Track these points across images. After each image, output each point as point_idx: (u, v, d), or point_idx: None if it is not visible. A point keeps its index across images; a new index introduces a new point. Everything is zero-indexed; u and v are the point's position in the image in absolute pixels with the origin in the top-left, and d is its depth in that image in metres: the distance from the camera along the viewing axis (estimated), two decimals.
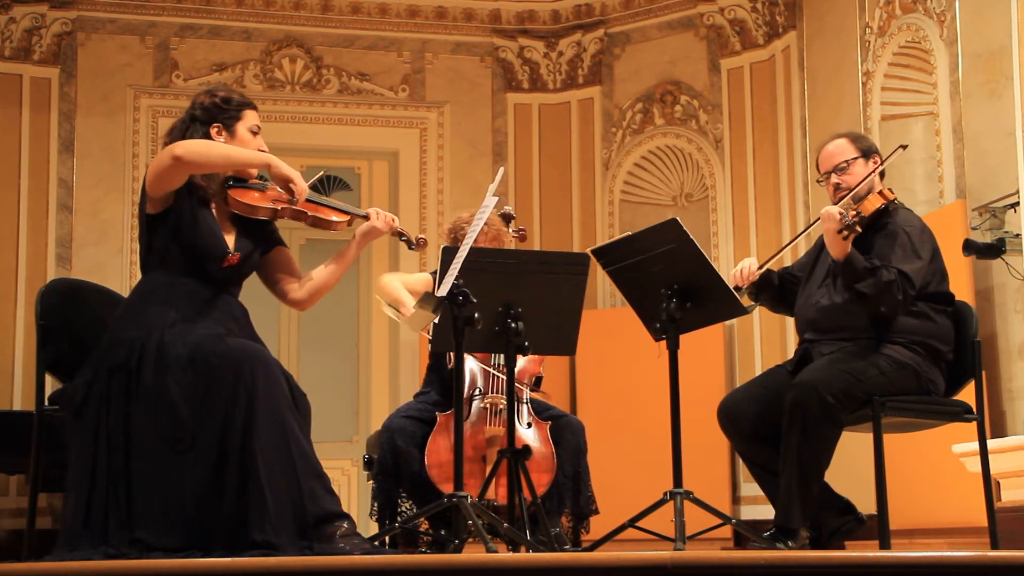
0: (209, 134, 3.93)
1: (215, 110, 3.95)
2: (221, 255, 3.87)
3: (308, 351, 8.40)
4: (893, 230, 4.35)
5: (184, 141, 3.81)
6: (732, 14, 8.26)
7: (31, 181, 7.98)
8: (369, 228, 4.05)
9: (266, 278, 4.12)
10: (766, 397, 4.39)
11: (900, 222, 4.37)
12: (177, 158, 3.72)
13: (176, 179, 3.79)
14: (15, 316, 7.81)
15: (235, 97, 4.00)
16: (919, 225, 4.38)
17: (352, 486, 8.25)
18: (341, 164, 8.70)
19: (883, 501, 4.15)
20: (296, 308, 4.20)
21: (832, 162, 4.50)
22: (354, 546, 3.62)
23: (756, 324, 7.95)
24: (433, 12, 8.73)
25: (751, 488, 7.20)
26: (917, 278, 4.24)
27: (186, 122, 3.97)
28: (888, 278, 4.17)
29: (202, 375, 3.69)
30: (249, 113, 4.00)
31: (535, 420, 5.00)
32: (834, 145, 4.53)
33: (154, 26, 8.36)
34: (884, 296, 4.18)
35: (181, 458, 3.66)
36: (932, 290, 4.32)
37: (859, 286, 4.20)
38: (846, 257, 4.20)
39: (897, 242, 4.30)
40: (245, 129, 3.97)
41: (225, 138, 3.94)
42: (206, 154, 3.79)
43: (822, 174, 4.54)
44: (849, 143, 4.52)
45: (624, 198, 8.66)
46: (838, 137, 4.58)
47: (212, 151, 3.82)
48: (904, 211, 4.47)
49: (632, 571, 2.86)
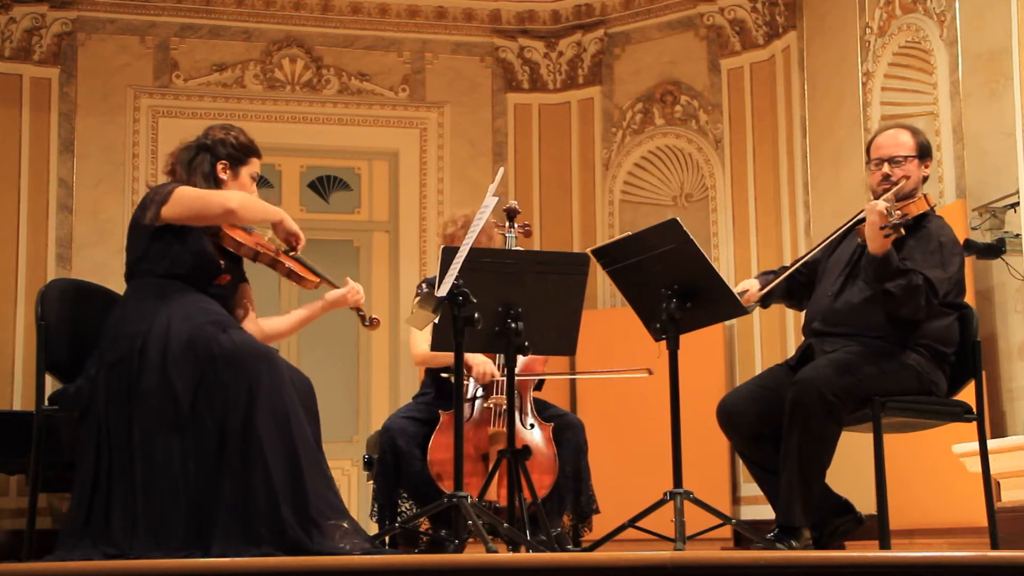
0: (215, 167, 4.08)
1: (228, 148, 4.11)
2: (215, 273, 4.00)
3: (308, 351, 8.39)
4: (927, 236, 4.32)
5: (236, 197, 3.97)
6: (732, 14, 8.26)
7: (31, 181, 7.98)
8: (339, 297, 4.33)
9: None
10: (766, 397, 4.39)
11: (935, 230, 4.35)
12: (231, 212, 3.93)
13: (216, 222, 3.97)
14: (15, 316, 7.81)
15: (251, 144, 4.17)
16: (952, 236, 4.36)
17: (352, 486, 8.24)
18: (341, 164, 8.70)
19: (883, 501, 4.15)
20: None
21: (890, 152, 4.43)
22: (354, 546, 3.63)
23: (756, 324, 7.95)
24: (433, 12, 8.73)
25: (751, 488, 7.19)
26: (942, 288, 4.22)
27: (194, 149, 4.11)
28: (917, 282, 4.16)
29: (201, 361, 3.73)
30: (255, 161, 4.17)
31: (539, 421, 5.00)
32: (897, 135, 4.47)
33: (154, 26, 8.36)
34: (910, 299, 4.17)
35: (182, 440, 3.68)
36: (950, 300, 4.32)
37: (889, 285, 4.17)
38: (884, 254, 4.16)
39: (929, 248, 4.28)
40: (248, 174, 4.14)
41: (228, 176, 4.09)
42: (251, 211, 4.00)
43: (874, 159, 4.46)
44: (912, 138, 4.46)
45: (624, 198, 8.66)
46: (899, 128, 4.52)
47: (253, 210, 4.02)
48: (937, 219, 4.44)
49: (632, 571, 2.86)
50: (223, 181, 4.08)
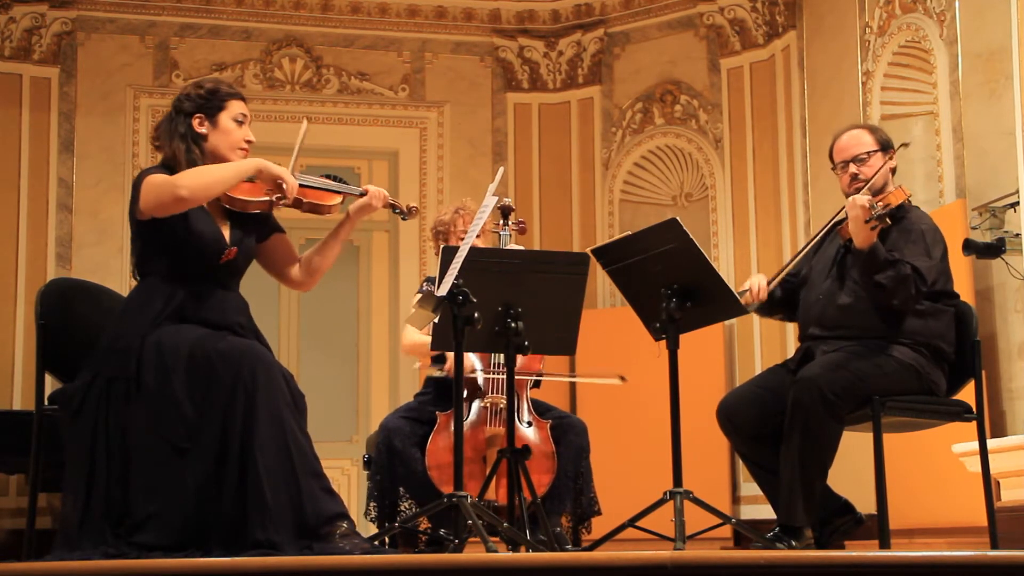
0: (191, 124, 3.91)
1: (199, 100, 3.94)
2: (218, 251, 3.87)
3: (308, 351, 8.39)
4: (908, 227, 4.38)
5: (186, 178, 3.75)
6: (732, 14, 8.26)
7: (31, 181, 7.98)
8: (364, 204, 4.11)
9: (266, 264, 4.14)
10: (766, 397, 4.39)
11: (915, 219, 4.41)
12: (182, 200, 3.72)
13: (180, 210, 3.77)
14: (15, 316, 7.80)
15: (220, 88, 3.99)
16: (932, 225, 4.42)
17: (352, 486, 8.24)
18: (341, 164, 8.69)
19: (883, 501, 4.15)
20: (298, 290, 4.26)
21: (851, 152, 4.50)
22: (354, 546, 3.62)
23: (756, 324, 7.95)
24: (433, 12, 8.73)
25: (751, 488, 7.19)
26: (929, 275, 4.27)
27: (171, 116, 3.96)
28: (905, 272, 4.21)
29: (203, 373, 3.69)
30: (233, 103, 3.97)
31: (536, 419, 5.00)
32: (854, 135, 4.54)
33: (154, 26, 8.36)
34: (900, 289, 4.21)
35: (182, 456, 3.66)
36: (939, 288, 4.34)
37: (878, 277, 4.21)
38: (871, 247, 4.21)
39: (912, 238, 4.34)
40: (228, 118, 3.95)
41: (207, 128, 3.92)
42: (206, 187, 3.77)
43: (837, 163, 4.54)
44: (869, 134, 4.54)
45: (624, 198, 8.66)
46: (856, 128, 4.59)
47: (211, 183, 3.79)
48: (915, 209, 4.52)
49: (632, 571, 2.86)
50: (203, 136, 3.92)
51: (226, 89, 3.99)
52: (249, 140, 3.99)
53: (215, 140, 3.94)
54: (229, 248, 3.89)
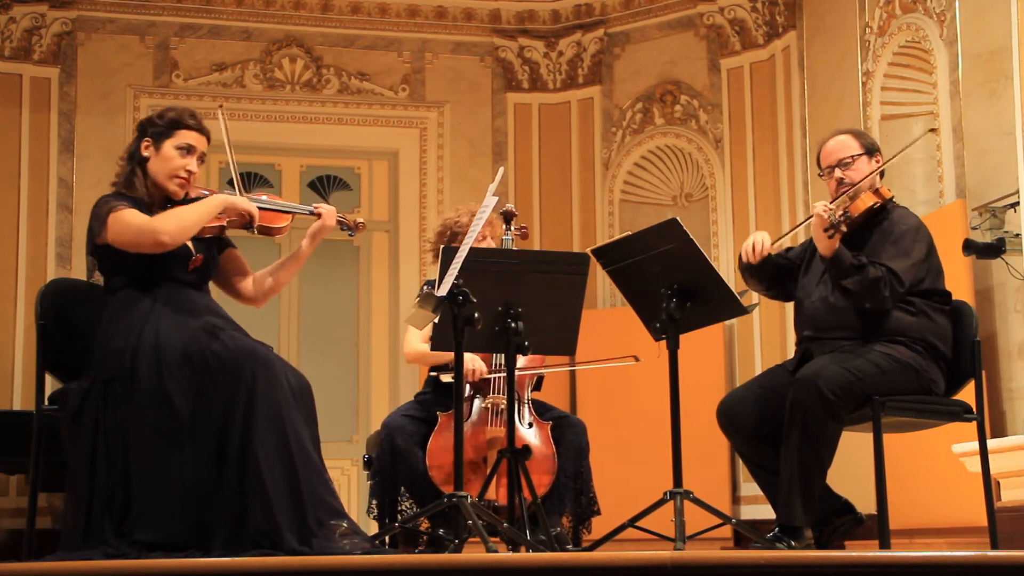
0: (140, 146, 4.02)
1: (154, 124, 4.04)
2: (186, 257, 3.94)
3: (308, 351, 8.39)
4: (888, 228, 4.39)
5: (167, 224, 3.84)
6: (732, 14, 8.26)
7: (31, 181, 7.98)
8: (320, 227, 4.15)
9: (218, 278, 4.20)
10: (766, 397, 4.39)
11: (895, 220, 4.41)
12: (163, 245, 3.83)
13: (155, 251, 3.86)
14: (15, 316, 7.81)
15: (179, 118, 4.05)
16: (914, 223, 4.41)
17: (352, 486, 8.24)
18: (341, 164, 8.70)
19: (883, 501, 4.15)
20: (249, 305, 4.30)
21: (836, 157, 4.51)
22: (354, 545, 3.62)
23: (756, 324, 7.95)
24: (433, 12, 8.73)
25: (751, 488, 7.19)
26: (907, 275, 4.27)
27: (136, 140, 4.07)
28: (875, 275, 4.21)
29: (199, 372, 3.71)
30: (184, 133, 4.02)
31: (536, 420, 5.00)
32: (838, 141, 4.55)
33: (154, 26, 8.36)
34: (869, 292, 4.23)
35: (181, 453, 3.67)
36: (927, 287, 4.34)
37: (845, 282, 4.26)
38: (833, 254, 4.26)
39: (889, 240, 4.35)
40: (172, 146, 4.01)
41: (151, 152, 4.01)
42: (184, 231, 3.87)
43: (824, 169, 4.56)
44: (853, 139, 4.54)
45: (624, 198, 8.66)
46: (841, 133, 4.59)
47: (188, 227, 3.89)
48: (901, 209, 4.50)
49: (632, 571, 2.86)
50: (146, 159, 4.01)
51: (186, 120, 4.05)
52: (190, 170, 4.03)
53: (155, 165, 4.02)
54: (196, 255, 3.97)
